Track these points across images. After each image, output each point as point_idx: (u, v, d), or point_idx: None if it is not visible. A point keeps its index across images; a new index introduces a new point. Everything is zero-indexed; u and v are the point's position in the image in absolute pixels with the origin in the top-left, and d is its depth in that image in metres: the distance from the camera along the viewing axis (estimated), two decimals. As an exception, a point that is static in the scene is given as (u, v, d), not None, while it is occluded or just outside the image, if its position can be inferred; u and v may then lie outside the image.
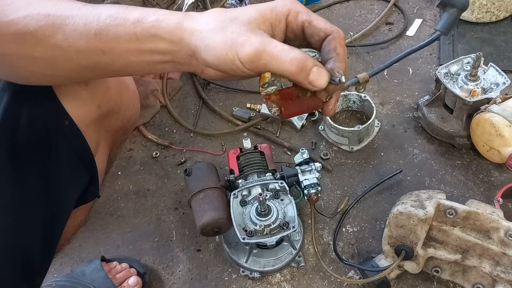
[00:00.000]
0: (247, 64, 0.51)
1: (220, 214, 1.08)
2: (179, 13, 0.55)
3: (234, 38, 0.51)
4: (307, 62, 0.52)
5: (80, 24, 0.56)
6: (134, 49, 0.55)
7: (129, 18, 0.54)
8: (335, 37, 0.55)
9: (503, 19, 1.67)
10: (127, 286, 1.10)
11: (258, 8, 0.54)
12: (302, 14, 0.55)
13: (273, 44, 0.51)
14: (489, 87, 1.24)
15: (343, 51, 0.56)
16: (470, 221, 0.97)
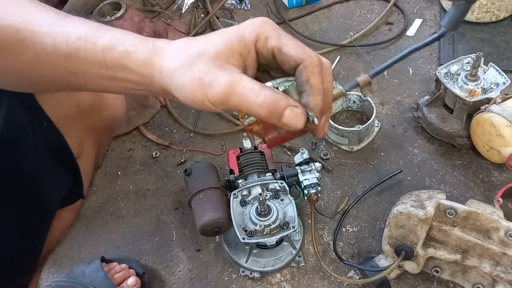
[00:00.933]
0: (217, 105, 0.48)
1: (220, 214, 1.08)
2: (148, 42, 0.51)
3: (201, 77, 0.47)
4: (278, 104, 0.47)
5: (49, 44, 0.53)
6: (105, 75, 0.53)
7: (98, 44, 0.51)
8: (306, 66, 0.49)
9: (503, 19, 1.67)
10: (126, 286, 1.10)
11: (225, 37, 0.49)
12: (272, 40, 0.49)
13: (242, 84, 0.47)
14: (489, 87, 1.24)
15: (318, 81, 0.49)
16: (470, 221, 0.97)
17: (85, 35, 0.52)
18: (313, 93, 0.49)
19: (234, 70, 0.48)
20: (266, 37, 0.49)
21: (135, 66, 0.50)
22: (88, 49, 0.52)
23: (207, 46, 0.48)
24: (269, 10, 1.90)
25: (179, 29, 1.74)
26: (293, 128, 0.48)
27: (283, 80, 0.51)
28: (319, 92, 0.49)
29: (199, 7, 1.92)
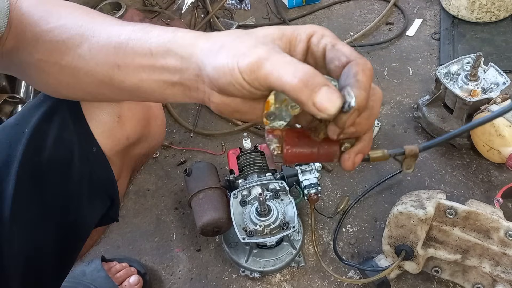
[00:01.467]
0: (246, 74, 0.44)
1: (220, 214, 1.08)
2: (200, 32, 0.53)
3: (240, 48, 0.46)
4: (315, 77, 0.42)
5: (104, 36, 0.57)
6: (147, 64, 0.54)
7: (149, 34, 0.54)
8: (358, 63, 0.44)
9: (503, 19, 1.67)
10: (128, 285, 1.09)
11: (280, 26, 0.49)
12: (327, 37, 0.47)
13: (281, 55, 0.44)
14: (489, 87, 1.24)
15: (366, 80, 0.43)
16: (470, 221, 0.97)
17: (138, 28, 0.55)
18: (358, 85, 0.42)
19: (276, 47, 0.46)
20: (322, 34, 0.47)
21: (178, 47, 0.51)
22: (138, 39, 0.54)
23: (259, 29, 0.49)
24: (269, 10, 1.90)
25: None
26: (324, 111, 0.42)
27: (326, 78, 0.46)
28: (365, 88, 0.43)
29: (199, 7, 1.92)
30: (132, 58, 0.55)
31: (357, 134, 0.48)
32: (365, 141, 0.48)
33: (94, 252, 1.24)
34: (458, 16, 1.69)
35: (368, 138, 0.49)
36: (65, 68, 0.61)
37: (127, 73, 0.57)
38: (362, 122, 0.46)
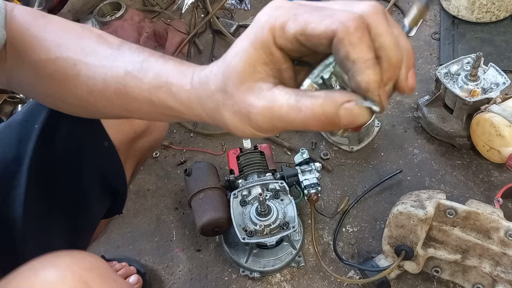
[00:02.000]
0: (270, 133, 0.42)
1: (220, 214, 1.08)
2: (186, 75, 0.47)
3: (237, 111, 0.42)
4: (325, 112, 0.38)
5: (100, 79, 0.53)
6: (157, 112, 0.51)
7: (144, 82, 0.50)
8: (340, 38, 0.36)
9: (503, 19, 1.67)
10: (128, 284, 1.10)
11: (240, 51, 0.41)
12: (288, 27, 0.38)
13: (277, 104, 0.39)
14: (489, 87, 1.24)
15: (361, 51, 0.36)
16: (470, 221, 0.97)
17: (131, 70, 0.51)
18: (359, 69, 0.37)
19: (263, 87, 0.40)
20: (281, 27, 0.38)
21: (178, 106, 0.48)
22: (135, 86, 0.50)
23: (228, 70, 0.42)
24: (269, 10, 1.90)
25: (179, 29, 1.74)
26: (360, 124, 0.39)
27: (321, 68, 0.40)
28: (367, 65, 0.36)
29: (199, 7, 1.92)
30: (138, 105, 0.52)
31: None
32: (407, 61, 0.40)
33: (94, 252, 1.24)
34: (458, 16, 1.68)
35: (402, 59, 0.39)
36: (68, 104, 0.60)
37: (141, 115, 0.55)
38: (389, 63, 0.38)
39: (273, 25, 0.39)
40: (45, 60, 0.56)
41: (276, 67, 0.41)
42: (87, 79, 0.54)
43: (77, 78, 0.55)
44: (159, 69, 0.49)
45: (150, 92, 0.49)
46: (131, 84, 0.51)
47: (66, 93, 0.57)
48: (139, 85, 0.50)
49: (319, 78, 0.41)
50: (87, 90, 0.55)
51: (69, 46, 0.56)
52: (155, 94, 0.49)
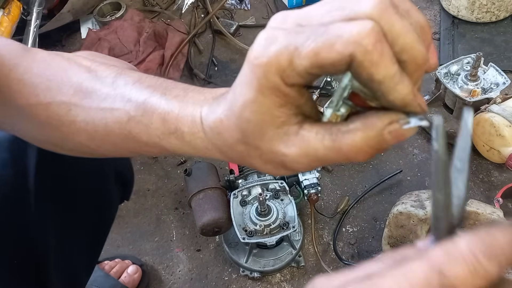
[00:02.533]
0: (306, 169, 0.38)
1: (220, 214, 1.08)
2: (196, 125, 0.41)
3: (270, 161, 0.38)
4: (369, 141, 0.34)
5: (101, 125, 0.48)
6: (170, 152, 0.46)
7: (151, 127, 0.44)
8: (361, 61, 0.31)
9: (503, 19, 1.67)
10: (128, 276, 1.09)
11: (249, 102, 0.35)
12: (295, 63, 0.32)
13: (311, 147, 0.35)
14: (489, 87, 1.24)
15: (385, 69, 0.31)
16: (470, 221, 0.97)
17: (134, 114, 0.45)
18: (389, 89, 0.32)
19: (289, 132, 0.36)
20: (288, 66, 0.33)
21: (197, 152, 0.43)
22: (142, 132, 0.45)
23: (242, 124, 0.37)
24: (269, 10, 1.90)
25: (179, 29, 1.74)
26: (406, 138, 0.35)
27: (340, 91, 0.34)
28: (395, 81, 0.32)
29: (199, 7, 1.92)
30: (149, 148, 0.47)
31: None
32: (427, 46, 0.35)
33: (94, 252, 1.24)
34: (458, 16, 1.68)
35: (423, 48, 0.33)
36: (67, 150, 0.55)
37: (156, 153, 0.50)
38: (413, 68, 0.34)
39: (277, 67, 0.33)
40: (36, 106, 0.50)
41: (294, 105, 0.35)
42: (85, 125, 0.48)
43: (74, 125, 0.49)
44: (165, 112, 0.43)
45: (161, 138, 0.44)
46: (137, 130, 0.45)
47: (63, 139, 0.52)
48: (146, 131, 0.45)
49: (340, 104, 0.35)
50: (87, 136, 0.49)
51: (60, 88, 0.50)
52: (167, 140, 0.44)
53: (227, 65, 1.69)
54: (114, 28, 1.72)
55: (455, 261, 0.27)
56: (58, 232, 0.70)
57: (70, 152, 0.55)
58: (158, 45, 1.72)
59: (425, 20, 0.34)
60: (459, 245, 0.28)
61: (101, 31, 1.74)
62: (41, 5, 1.57)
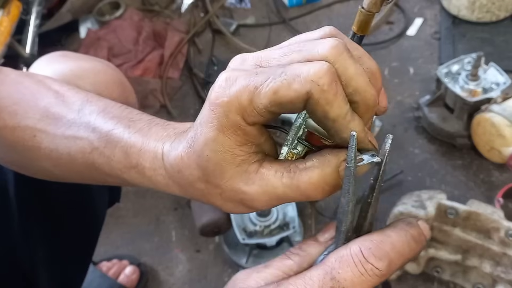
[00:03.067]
0: (267, 205, 0.38)
1: (219, 215, 1.07)
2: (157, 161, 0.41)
3: (233, 199, 0.38)
4: (326, 177, 0.35)
5: (64, 153, 0.47)
6: (136, 185, 0.46)
7: (113, 160, 0.44)
8: (316, 99, 0.32)
9: (503, 19, 1.67)
10: (125, 277, 1.09)
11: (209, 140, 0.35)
12: (255, 102, 0.33)
13: (271, 186, 0.36)
14: (490, 87, 1.24)
15: (340, 106, 0.33)
16: (471, 221, 0.97)
17: (97, 145, 0.45)
18: (342, 127, 0.33)
19: (249, 170, 0.36)
20: (248, 104, 0.33)
21: (158, 188, 0.43)
22: (105, 164, 0.45)
23: (202, 162, 0.37)
24: (268, 9, 1.89)
25: (179, 29, 1.74)
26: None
27: (294, 130, 0.37)
28: (347, 120, 0.33)
29: (199, 7, 1.91)
30: (113, 179, 0.47)
31: None
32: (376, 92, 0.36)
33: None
34: (459, 16, 1.68)
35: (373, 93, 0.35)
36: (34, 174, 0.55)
37: (121, 183, 0.50)
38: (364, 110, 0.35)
39: (237, 106, 0.33)
40: (2, 129, 0.50)
41: (254, 143, 0.36)
42: (49, 151, 0.48)
43: (39, 151, 0.49)
44: (127, 146, 0.43)
45: (122, 171, 0.44)
46: (100, 161, 0.45)
47: (27, 164, 0.52)
48: (108, 163, 0.45)
49: (295, 143, 0.38)
50: (51, 163, 0.49)
51: (26, 112, 0.49)
52: (128, 174, 0.44)
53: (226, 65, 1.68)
54: (113, 28, 1.72)
55: (345, 264, 0.32)
56: (45, 242, 0.69)
57: (35, 175, 0.55)
58: (157, 44, 1.72)
59: (376, 67, 0.36)
60: (351, 248, 0.33)
61: (100, 30, 1.73)
62: (41, 4, 1.56)
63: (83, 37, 1.78)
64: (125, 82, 0.80)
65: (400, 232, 0.35)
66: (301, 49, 0.34)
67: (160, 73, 1.64)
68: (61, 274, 0.74)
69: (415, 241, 0.35)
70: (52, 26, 1.71)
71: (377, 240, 0.34)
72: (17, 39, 1.52)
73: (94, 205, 0.80)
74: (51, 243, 0.71)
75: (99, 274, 1.07)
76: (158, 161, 0.41)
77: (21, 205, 0.66)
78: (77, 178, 0.51)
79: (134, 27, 1.72)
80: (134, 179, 0.43)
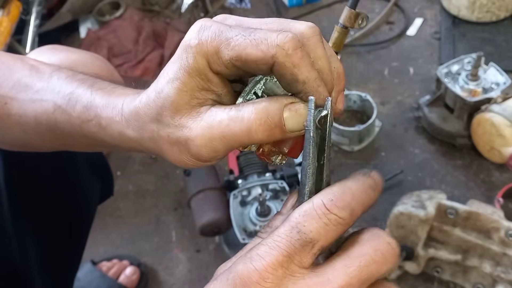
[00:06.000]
0: (211, 159, 0.39)
1: (219, 215, 1.07)
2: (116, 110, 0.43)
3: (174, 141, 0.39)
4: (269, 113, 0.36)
5: (31, 117, 0.49)
6: (95, 144, 0.48)
7: (73, 115, 0.46)
8: (281, 63, 0.35)
9: (503, 19, 1.67)
10: (125, 278, 1.09)
11: (173, 79, 0.38)
12: (223, 53, 0.36)
13: (216, 120, 0.37)
14: (490, 87, 1.24)
15: (307, 70, 0.35)
16: (471, 221, 0.97)
17: (60, 104, 0.47)
18: (312, 89, 0.36)
19: (201, 110, 0.38)
20: (215, 52, 0.36)
21: (113, 140, 0.44)
22: (66, 122, 0.46)
23: (160, 101, 0.38)
24: (269, 9, 1.89)
25: (179, 29, 1.74)
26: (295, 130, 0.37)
27: (252, 84, 0.39)
28: (317, 83, 0.36)
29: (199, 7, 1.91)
30: (74, 140, 0.48)
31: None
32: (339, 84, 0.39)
33: (93, 253, 1.23)
34: (459, 16, 1.68)
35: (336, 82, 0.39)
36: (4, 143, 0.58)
37: (81, 148, 0.52)
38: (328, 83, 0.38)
39: (206, 50, 0.36)
40: None
41: (215, 92, 0.38)
42: (18, 117, 0.50)
43: (9, 118, 0.51)
44: (87, 100, 0.45)
45: (81, 126, 0.45)
46: (61, 120, 0.47)
47: (1, 133, 0.54)
48: (69, 120, 0.46)
49: (251, 95, 0.39)
50: (20, 129, 0.51)
51: (0, 84, 0.52)
52: (86, 129, 0.45)
53: (227, 65, 1.69)
54: (113, 28, 1.72)
55: (309, 216, 0.33)
56: (36, 236, 0.69)
57: (9, 146, 0.58)
58: (157, 44, 1.71)
59: (342, 69, 0.39)
60: (313, 202, 0.34)
61: (100, 30, 1.73)
62: (41, 4, 1.56)
63: (83, 37, 1.77)
64: (114, 73, 0.81)
65: (358, 183, 0.36)
66: (282, 23, 0.37)
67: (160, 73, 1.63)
68: (52, 267, 0.74)
69: (372, 190, 0.38)
70: (52, 26, 1.71)
71: (338, 192, 0.35)
72: (17, 39, 1.52)
73: (85, 198, 0.80)
74: (42, 237, 0.71)
75: (99, 274, 1.07)
76: (116, 110, 0.42)
77: (11, 200, 0.66)
78: (41, 143, 0.53)
79: (134, 27, 1.72)
80: (91, 133, 0.45)
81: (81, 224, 0.80)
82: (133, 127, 0.41)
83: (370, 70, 1.59)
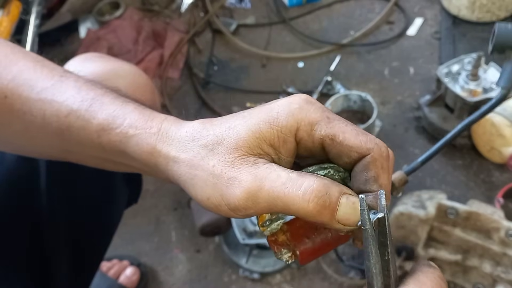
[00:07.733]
0: (240, 211, 0.36)
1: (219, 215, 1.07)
2: (153, 123, 0.40)
3: (216, 174, 0.36)
4: (329, 192, 0.35)
5: (39, 116, 0.45)
6: (104, 158, 0.45)
7: (93, 123, 0.42)
8: (376, 159, 0.36)
9: (503, 19, 1.67)
10: (125, 278, 1.09)
11: (251, 122, 0.37)
12: (320, 127, 0.36)
13: (273, 175, 0.35)
14: (490, 87, 1.24)
15: (387, 180, 0.37)
16: (471, 221, 0.97)
17: (77, 108, 0.43)
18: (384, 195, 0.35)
19: (260, 161, 0.36)
20: (310, 123, 0.36)
21: (136, 154, 0.40)
22: (81, 128, 0.43)
23: (225, 132, 0.37)
24: (268, 9, 1.89)
25: (178, 28, 1.74)
26: (348, 226, 0.36)
27: (317, 168, 0.38)
28: (388, 195, 0.37)
29: (198, 6, 1.91)
30: (82, 148, 0.45)
31: None
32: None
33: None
34: (459, 16, 1.68)
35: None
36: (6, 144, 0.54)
37: (83, 159, 0.48)
38: None
39: (302, 117, 0.36)
40: None
41: (280, 154, 0.37)
42: (22, 114, 0.46)
43: (10, 113, 0.47)
44: (116, 108, 0.42)
45: (99, 134, 0.42)
46: (76, 125, 0.43)
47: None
48: (85, 126, 0.43)
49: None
50: (23, 126, 0.47)
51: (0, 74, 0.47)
52: (106, 137, 0.41)
53: (226, 64, 1.69)
54: (113, 28, 1.72)
55: None
56: (67, 227, 0.69)
57: (5, 145, 0.54)
58: (157, 44, 1.71)
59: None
60: None
61: (100, 30, 1.73)
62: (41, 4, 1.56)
63: (83, 37, 1.77)
64: (155, 90, 0.81)
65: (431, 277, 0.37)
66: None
67: (160, 73, 1.63)
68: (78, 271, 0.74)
69: (442, 280, 0.37)
70: (52, 26, 1.71)
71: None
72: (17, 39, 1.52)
73: (115, 203, 0.80)
74: (72, 230, 0.69)
75: (98, 274, 1.07)
76: (154, 122, 0.40)
77: (50, 188, 0.65)
78: (45, 146, 0.49)
79: (134, 27, 1.72)
80: (110, 142, 0.41)
81: (108, 227, 0.80)
82: (171, 142, 0.39)
83: (370, 70, 1.59)
